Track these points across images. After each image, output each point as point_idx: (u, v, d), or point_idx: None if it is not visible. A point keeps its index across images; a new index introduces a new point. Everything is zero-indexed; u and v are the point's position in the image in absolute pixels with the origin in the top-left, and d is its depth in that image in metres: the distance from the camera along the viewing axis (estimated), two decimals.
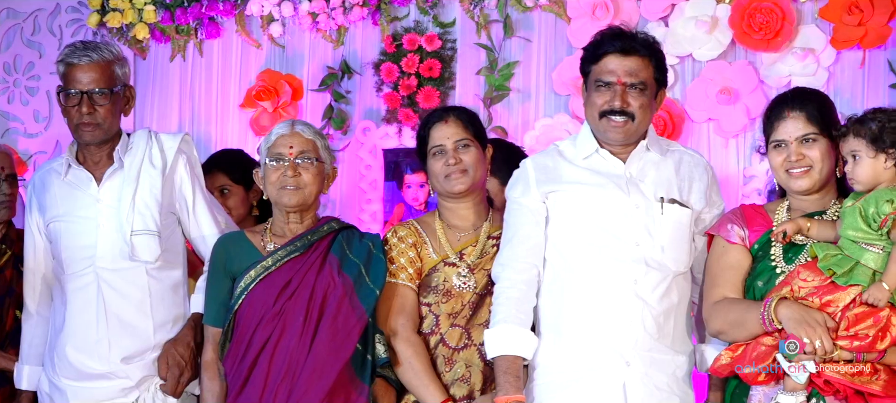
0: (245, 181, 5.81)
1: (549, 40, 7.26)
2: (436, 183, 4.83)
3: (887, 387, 4.08)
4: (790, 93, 4.56)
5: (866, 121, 4.20)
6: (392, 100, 7.33)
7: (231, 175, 5.84)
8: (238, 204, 5.78)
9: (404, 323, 4.72)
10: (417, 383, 4.66)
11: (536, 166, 4.65)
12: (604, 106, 4.51)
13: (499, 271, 4.57)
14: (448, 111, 4.89)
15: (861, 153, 4.19)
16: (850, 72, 6.79)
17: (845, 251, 4.15)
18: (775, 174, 4.46)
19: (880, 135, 4.17)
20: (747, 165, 6.89)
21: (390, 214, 7.34)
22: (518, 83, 7.26)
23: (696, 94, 6.97)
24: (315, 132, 4.85)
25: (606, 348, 4.41)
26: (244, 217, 5.74)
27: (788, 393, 4.14)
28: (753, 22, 6.80)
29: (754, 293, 4.36)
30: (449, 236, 4.83)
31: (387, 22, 7.43)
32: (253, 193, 5.85)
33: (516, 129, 7.19)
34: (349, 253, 4.76)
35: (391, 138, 7.38)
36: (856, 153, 4.20)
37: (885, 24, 6.67)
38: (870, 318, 4.05)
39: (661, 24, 7.03)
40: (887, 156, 4.17)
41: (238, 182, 5.85)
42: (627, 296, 4.44)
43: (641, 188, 4.55)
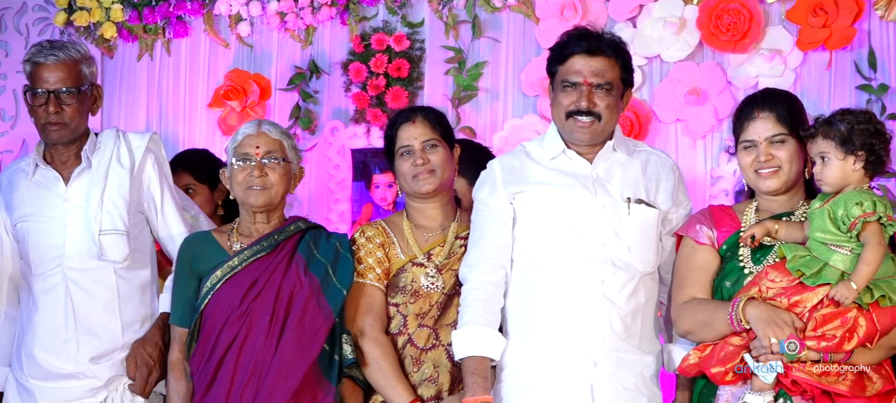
0: (210, 181, 5.81)
1: (518, 41, 7.26)
2: (403, 183, 4.83)
3: (854, 387, 4.10)
4: (760, 93, 4.58)
5: (835, 123, 4.21)
6: (360, 100, 7.32)
7: (196, 174, 5.84)
8: (203, 203, 5.77)
9: (372, 323, 4.71)
10: (385, 383, 4.66)
11: (503, 167, 4.66)
12: (570, 106, 4.51)
13: (466, 272, 4.57)
14: (416, 111, 4.89)
15: (830, 154, 4.20)
16: (816, 74, 6.81)
17: (814, 252, 4.16)
18: (744, 174, 4.48)
19: (849, 136, 4.18)
20: (715, 166, 6.91)
21: (358, 214, 7.33)
22: (486, 83, 7.26)
23: (664, 95, 6.98)
24: (282, 132, 4.84)
25: (574, 348, 4.41)
26: (210, 216, 5.73)
27: (756, 393, 4.15)
28: (721, 23, 6.82)
29: (722, 293, 4.38)
30: (417, 236, 4.83)
31: (355, 22, 7.42)
32: (218, 193, 5.84)
33: (485, 130, 7.19)
34: (316, 252, 4.75)
35: (359, 138, 7.38)
36: (824, 154, 4.21)
37: (849, 25, 6.70)
38: (837, 319, 4.07)
39: (629, 25, 7.04)
40: (856, 158, 4.19)
41: (203, 181, 5.84)
42: (595, 297, 4.44)
43: (608, 188, 4.55)
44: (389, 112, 7.14)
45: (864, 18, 6.73)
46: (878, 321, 4.08)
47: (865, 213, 4.09)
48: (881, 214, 4.09)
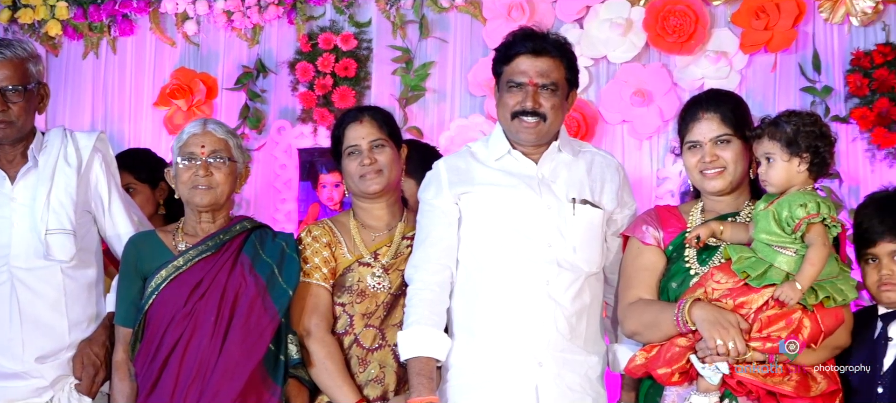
0: (151, 180, 5.78)
1: (465, 41, 7.27)
2: (350, 183, 4.83)
3: (798, 388, 4.13)
4: (704, 94, 4.60)
5: (781, 124, 4.23)
6: (307, 100, 7.31)
7: (136, 174, 5.81)
8: (144, 202, 5.73)
9: (318, 322, 4.70)
10: (331, 383, 4.65)
11: (449, 168, 4.66)
12: (516, 106, 4.52)
13: (412, 273, 4.57)
14: (363, 111, 4.89)
15: (775, 156, 4.22)
16: (761, 76, 6.86)
17: (759, 253, 4.18)
18: (689, 175, 4.49)
19: (795, 138, 4.20)
20: (661, 167, 6.94)
21: (305, 214, 7.31)
22: (433, 83, 7.27)
23: (611, 96, 7.01)
24: (227, 131, 4.82)
25: (519, 349, 4.42)
26: (150, 216, 5.70)
27: (702, 394, 4.17)
28: (667, 25, 6.85)
29: (669, 294, 4.39)
30: (363, 236, 4.83)
31: (302, 21, 7.41)
32: (158, 192, 5.82)
33: (432, 130, 7.20)
34: (262, 252, 4.74)
35: (306, 137, 7.36)
36: (770, 155, 4.23)
37: (790, 28, 6.76)
38: (782, 320, 4.10)
39: (575, 26, 7.07)
40: (801, 160, 4.21)
41: (144, 181, 5.81)
42: (540, 297, 4.45)
43: (553, 189, 4.56)
44: (336, 111, 7.12)
45: (808, 21, 6.79)
46: (823, 322, 4.11)
47: (810, 215, 4.11)
48: (825, 215, 4.12)
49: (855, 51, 6.71)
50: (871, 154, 6.63)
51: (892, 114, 6.56)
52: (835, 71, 6.77)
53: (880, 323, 4.35)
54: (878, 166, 6.64)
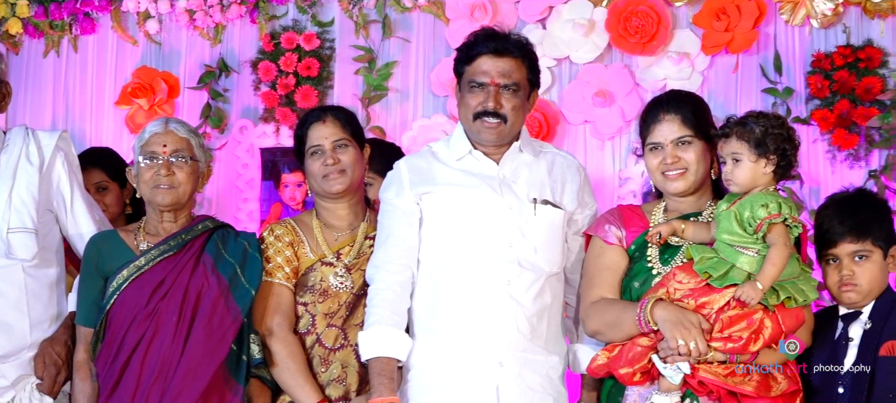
0: (121, 178, 5.75)
1: (428, 41, 7.27)
2: (313, 183, 4.83)
3: (759, 388, 4.14)
4: (665, 95, 4.61)
5: (750, 125, 4.25)
6: (270, 99, 7.29)
7: (108, 172, 5.79)
8: (114, 201, 5.72)
9: (280, 322, 4.70)
10: (293, 383, 4.65)
11: (410, 168, 4.66)
12: (478, 107, 4.53)
13: (373, 273, 4.57)
14: (326, 111, 4.89)
15: (743, 156, 4.23)
16: (723, 77, 6.89)
17: (721, 254, 4.20)
18: (651, 176, 4.51)
19: (764, 140, 4.22)
20: (623, 167, 6.96)
21: (267, 213, 7.29)
22: (396, 83, 7.26)
23: (573, 97, 7.02)
24: (189, 130, 4.82)
25: (480, 349, 4.43)
26: (118, 215, 5.68)
27: (663, 394, 4.19)
28: (629, 26, 6.87)
29: (631, 293, 4.41)
30: (326, 236, 4.83)
31: (265, 20, 7.39)
32: (126, 191, 5.79)
33: (394, 129, 7.19)
34: (224, 252, 4.73)
35: (269, 137, 7.34)
36: (737, 155, 4.24)
37: (751, 29, 6.79)
38: (744, 321, 4.12)
39: (538, 27, 7.07)
40: (768, 162, 4.23)
41: (115, 179, 5.79)
42: (501, 297, 4.46)
43: (514, 189, 4.57)
44: (299, 111, 7.11)
45: (769, 23, 6.82)
46: (784, 322, 4.14)
47: (771, 215, 4.13)
48: (787, 216, 4.14)
49: (815, 53, 6.75)
50: (832, 155, 6.66)
51: (853, 116, 6.60)
52: (796, 72, 6.80)
53: (841, 324, 4.38)
54: (838, 167, 6.68)
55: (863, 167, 6.65)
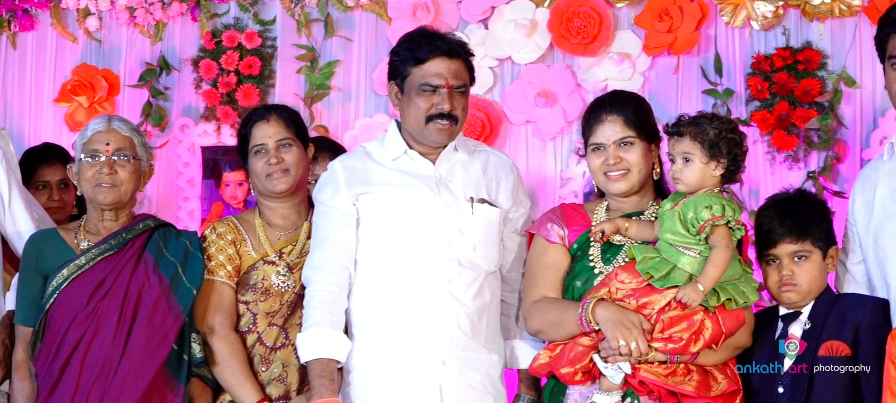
0: None
1: (370, 40, 7.27)
2: (257, 182, 4.81)
3: (699, 388, 4.16)
4: (608, 96, 4.62)
5: (703, 125, 4.26)
6: (211, 98, 7.26)
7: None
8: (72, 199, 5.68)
9: (222, 320, 4.68)
10: (234, 381, 4.64)
11: (345, 168, 4.64)
12: (432, 109, 4.51)
13: (310, 274, 4.55)
14: (270, 109, 4.88)
15: (695, 156, 4.24)
16: (664, 78, 6.94)
17: (663, 254, 4.22)
18: (594, 176, 4.52)
19: (717, 142, 4.23)
20: (564, 167, 6.98)
21: (208, 212, 7.27)
22: (338, 82, 7.26)
23: (515, 97, 7.04)
24: (132, 128, 4.78)
25: (422, 348, 4.43)
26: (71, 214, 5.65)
27: (604, 393, 4.19)
28: (571, 26, 6.90)
29: (573, 293, 4.41)
30: (269, 234, 4.81)
31: (206, 18, 7.36)
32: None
33: (336, 128, 7.18)
34: (165, 251, 4.71)
35: (210, 136, 7.31)
36: (688, 155, 4.25)
37: (693, 31, 6.84)
38: (684, 321, 4.13)
39: (480, 27, 7.09)
40: (718, 164, 4.25)
41: None
42: (442, 296, 4.46)
43: (451, 188, 4.57)
44: (240, 110, 7.11)
45: (710, 24, 6.88)
46: (724, 323, 4.15)
47: (715, 217, 4.15)
48: (730, 218, 4.16)
49: (755, 54, 6.80)
50: (772, 156, 6.72)
51: (792, 118, 6.66)
52: (736, 74, 6.86)
53: (781, 324, 4.40)
54: (777, 169, 6.73)
55: (801, 168, 6.71)
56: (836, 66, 6.76)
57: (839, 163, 6.71)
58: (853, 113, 6.74)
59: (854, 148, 6.72)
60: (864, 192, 4.60)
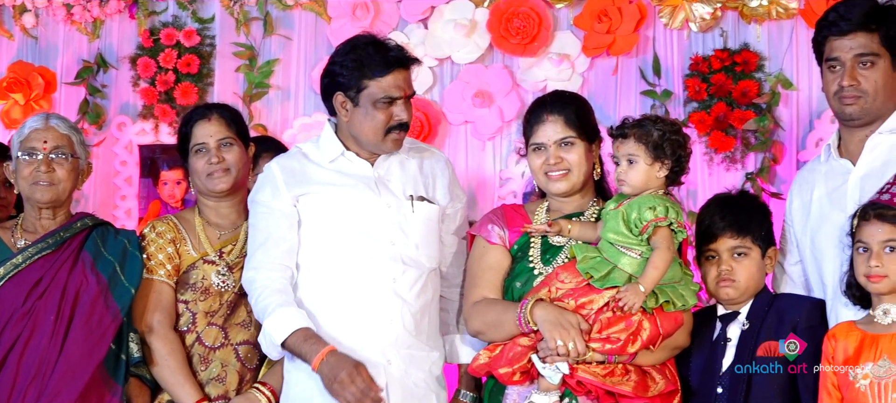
0: None
1: (310, 39, 7.24)
2: (197, 181, 4.80)
3: (637, 388, 4.19)
4: (549, 96, 4.63)
5: (647, 127, 4.29)
6: (149, 96, 7.22)
7: None
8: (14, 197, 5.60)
9: (161, 319, 4.67)
10: (173, 381, 4.63)
11: (283, 169, 4.61)
12: (391, 121, 4.50)
13: (252, 275, 4.51)
14: (211, 108, 4.88)
15: (639, 158, 4.26)
16: (603, 78, 6.95)
17: (604, 254, 4.23)
18: (535, 176, 4.53)
19: (661, 144, 4.26)
20: (503, 167, 6.99)
21: (145, 211, 7.23)
22: (278, 81, 7.23)
23: (454, 97, 7.04)
24: (70, 126, 4.76)
25: (368, 348, 4.42)
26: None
27: (542, 393, 4.21)
28: (510, 26, 6.90)
29: (513, 293, 4.42)
30: (209, 234, 4.81)
31: (144, 16, 7.31)
32: None
33: (276, 127, 7.15)
34: (104, 250, 4.68)
35: (148, 134, 7.27)
36: (633, 157, 4.27)
37: (632, 32, 6.86)
38: (622, 322, 4.15)
39: (420, 26, 7.08)
40: (663, 166, 4.27)
41: None
42: (387, 295, 4.46)
43: (390, 187, 4.57)
44: (179, 108, 7.08)
45: (649, 26, 6.90)
46: (662, 325, 4.18)
47: (658, 218, 4.18)
48: (673, 220, 4.19)
49: (694, 56, 6.84)
50: (709, 158, 6.76)
51: (729, 119, 6.70)
52: (674, 75, 6.88)
53: (719, 324, 4.43)
54: (715, 170, 6.77)
55: (739, 170, 6.76)
56: (773, 68, 6.80)
57: (776, 164, 6.76)
58: (790, 115, 6.79)
59: (791, 149, 6.77)
60: (801, 194, 4.66)
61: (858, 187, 4.41)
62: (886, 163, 4.37)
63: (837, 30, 4.43)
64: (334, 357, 4.31)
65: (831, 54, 4.44)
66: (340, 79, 4.53)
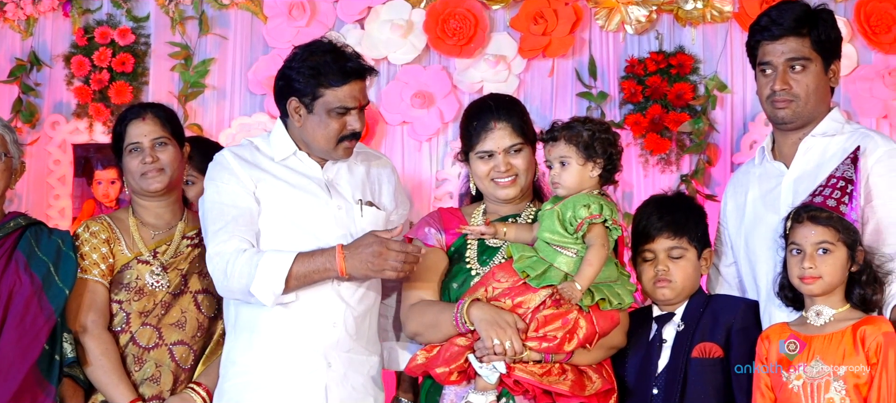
0: None
1: (246, 39, 7.20)
2: (131, 180, 4.78)
3: (574, 387, 4.20)
4: (493, 102, 4.59)
5: (577, 128, 4.31)
6: (83, 95, 7.16)
7: None
8: None
9: (95, 319, 4.65)
10: (106, 381, 4.61)
11: (236, 156, 4.58)
12: (345, 130, 4.50)
13: (219, 248, 4.41)
14: (146, 108, 4.85)
15: (571, 159, 4.29)
16: (539, 80, 6.97)
17: (540, 253, 4.25)
18: (479, 182, 4.52)
19: (591, 143, 4.28)
20: (440, 168, 6.99)
21: (79, 211, 7.18)
22: (213, 81, 7.19)
23: (391, 98, 7.03)
24: (3, 125, 4.73)
25: (309, 349, 4.42)
26: None
27: (479, 393, 4.22)
28: (447, 27, 6.91)
29: (450, 294, 4.44)
30: (143, 233, 4.80)
31: (78, 14, 7.26)
32: None
33: (211, 127, 7.11)
34: (37, 250, 4.65)
35: (82, 133, 7.21)
36: (565, 159, 4.30)
37: (568, 34, 6.88)
38: (558, 320, 4.17)
39: (357, 27, 7.07)
40: (595, 165, 4.30)
41: None
42: (330, 298, 4.45)
43: (339, 190, 4.57)
44: (113, 107, 7.03)
45: (585, 28, 6.93)
46: (598, 323, 4.20)
47: (592, 216, 4.20)
48: (607, 217, 4.22)
49: (629, 58, 6.88)
50: (645, 159, 6.79)
51: (665, 121, 6.74)
52: (610, 77, 6.92)
53: (655, 325, 4.46)
54: (650, 171, 6.81)
55: (674, 171, 6.80)
56: (708, 71, 6.85)
57: (711, 166, 6.81)
58: (725, 117, 6.84)
59: (725, 152, 6.82)
60: (735, 196, 4.70)
61: (792, 189, 4.45)
62: (819, 165, 4.42)
63: (769, 34, 4.48)
64: (349, 248, 4.33)
65: (764, 58, 4.49)
66: (296, 84, 4.50)
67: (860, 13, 6.72)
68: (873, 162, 4.36)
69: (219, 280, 4.44)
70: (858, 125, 4.67)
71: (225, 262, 4.39)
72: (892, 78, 6.69)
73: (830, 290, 4.13)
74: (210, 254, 4.46)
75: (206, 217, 4.54)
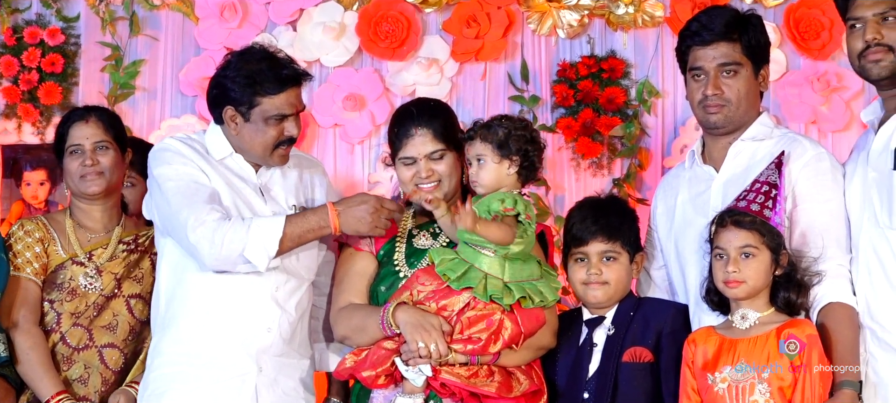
0: None
1: (177, 40, 7.19)
2: (70, 182, 4.79)
3: (501, 388, 4.20)
4: (415, 108, 4.57)
5: (494, 127, 4.31)
6: (12, 95, 7.11)
7: None
8: None
9: (26, 315, 4.65)
10: (33, 375, 4.61)
11: (185, 144, 4.54)
12: (282, 137, 4.49)
13: (203, 217, 4.32)
14: (90, 111, 4.85)
15: (487, 158, 4.29)
16: (472, 83, 7.00)
17: (462, 255, 4.25)
18: (404, 187, 4.51)
19: (506, 141, 4.28)
20: (372, 171, 7.00)
21: (7, 212, 7.12)
22: (144, 82, 7.16)
23: (323, 100, 7.04)
24: None
25: (241, 352, 4.41)
26: None
27: (407, 396, 4.22)
28: (380, 30, 6.92)
29: (378, 298, 4.44)
30: (79, 236, 4.79)
31: (7, 13, 7.21)
32: None
33: (142, 129, 7.08)
34: None
35: (10, 134, 7.16)
36: (481, 157, 4.30)
37: (501, 37, 6.91)
38: (483, 321, 4.17)
39: (289, 29, 7.08)
40: (511, 163, 4.29)
41: None
42: (266, 303, 4.45)
43: (274, 195, 4.57)
44: (42, 108, 6.99)
45: (517, 32, 6.96)
46: (523, 323, 4.20)
47: (506, 209, 4.20)
48: (521, 211, 4.22)
49: (561, 62, 6.91)
50: (577, 163, 6.83)
51: (596, 125, 6.78)
52: (542, 81, 6.95)
53: (586, 329, 4.47)
54: (582, 175, 6.85)
55: (606, 175, 6.84)
56: (639, 76, 6.90)
57: (642, 170, 6.85)
58: (656, 121, 6.89)
59: (657, 156, 6.87)
60: (665, 199, 4.71)
61: (721, 193, 4.47)
62: (748, 169, 4.43)
63: (700, 39, 4.49)
64: (341, 205, 4.37)
65: (695, 63, 4.50)
66: (232, 93, 4.47)
67: (789, 19, 6.79)
68: (801, 166, 4.38)
69: (205, 250, 4.33)
70: (787, 130, 4.69)
71: (211, 231, 4.32)
72: (821, 83, 6.76)
73: (754, 294, 4.16)
74: (191, 226, 4.33)
75: (170, 198, 4.42)
